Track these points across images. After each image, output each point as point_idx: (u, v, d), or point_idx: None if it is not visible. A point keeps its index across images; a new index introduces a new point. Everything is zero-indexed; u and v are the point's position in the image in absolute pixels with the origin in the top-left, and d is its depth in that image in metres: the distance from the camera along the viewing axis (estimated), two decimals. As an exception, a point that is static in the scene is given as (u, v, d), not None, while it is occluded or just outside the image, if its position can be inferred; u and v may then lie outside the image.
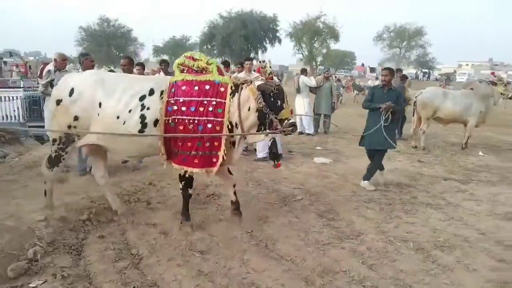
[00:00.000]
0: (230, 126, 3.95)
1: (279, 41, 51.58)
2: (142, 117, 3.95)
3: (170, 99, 3.90)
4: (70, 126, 4.07)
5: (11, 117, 9.38)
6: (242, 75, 8.54)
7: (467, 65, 74.07)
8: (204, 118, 3.84)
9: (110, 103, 3.96)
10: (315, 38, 49.99)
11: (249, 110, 3.97)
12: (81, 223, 4.32)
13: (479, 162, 8.08)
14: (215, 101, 3.88)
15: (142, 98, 3.97)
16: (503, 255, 3.95)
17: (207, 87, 3.93)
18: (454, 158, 8.35)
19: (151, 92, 4.00)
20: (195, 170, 3.98)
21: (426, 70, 60.31)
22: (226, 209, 4.98)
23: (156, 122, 3.94)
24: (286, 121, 3.89)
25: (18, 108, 9.36)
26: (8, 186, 5.55)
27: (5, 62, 24.67)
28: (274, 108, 3.92)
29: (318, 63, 53.87)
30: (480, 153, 8.89)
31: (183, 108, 3.86)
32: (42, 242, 3.76)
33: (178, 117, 3.86)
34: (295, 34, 50.84)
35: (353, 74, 52.70)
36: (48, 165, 4.29)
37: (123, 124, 3.94)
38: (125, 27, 53.52)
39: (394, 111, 5.71)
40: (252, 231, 4.34)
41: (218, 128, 3.86)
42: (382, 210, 5.12)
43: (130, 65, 6.64)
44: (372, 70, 62.66)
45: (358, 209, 5.14)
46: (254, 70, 7.23)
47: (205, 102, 3.87)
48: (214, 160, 3.96)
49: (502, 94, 9.35)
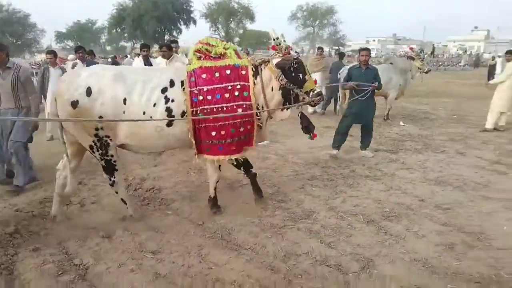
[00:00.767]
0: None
1: (194, 22, 50.33)
2: (168, 109, 3.75)
3: (193, 89, 3.76)
4: (98, 129, 3.69)
5: None
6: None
7: (374, 40, 79.06)
8: (232, 104, 3.77)
9: (134, 99, 3.68)
10: (231, 19, 49.67)
11: (272, 90, 4.01)
12: (7, 237, 3.77)
13: (402, 132, 8.63)
14: (239, 84, 3.83)
15: (164, 90, 3.76)
16: (444, 218, 4.22)
17: (228, 72, 3.83)
18: (380, 130, 8.79)
19: (172, 83, 3.79)
20: (234, 156, 3.98)
21: (337, 47, 63.06)
22: (171, 202, 4.72)
23: (183, 115, 3.79)
24: (312, 92, 4.00)
25: None
26: None
27: None
28: (297, 82, 4.00)
29: (236, 44, 53.70)
30: (401, 123, 9.51)
31: (209, 97, 3.75)
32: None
33: (206, 107, 3.75)
34: (210, 15, 50.00)
35: (269, 54, 53.42)
36: (107, 175, 3.99)
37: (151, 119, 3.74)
38: (21, 12, 48.24)
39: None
40: (203, 223, 4.15)
41: (248, 111, 3.83)
42: (327, 187, 5.21)
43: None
44: (287, 48, 64.09)
45: (304, 188, 5.17)
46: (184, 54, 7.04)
47: (229, 88, 3.79)
48: (233, 148, 3.95)
49: (419, 68, 10.01)
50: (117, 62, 19.76)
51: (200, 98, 3.74)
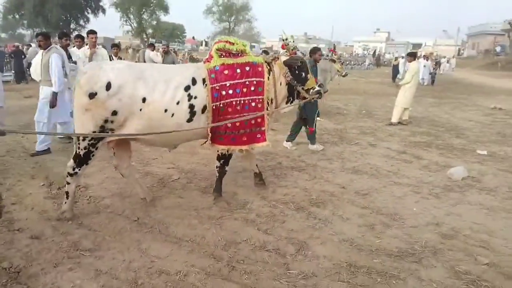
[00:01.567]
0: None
1: (103, 11, 47.76)
2: (191, 106, 3.92)
3: (214, 85, 3.96)
4: (107, 121, 3.70)
5: None
6: (82, 51, 7.75)
7: (286, 38, 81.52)
8: (248, 98, 4.07)
9: (155, 97, 3.78)
10: (144, 10, 47.96)
11: (280, 85, 4.38)
12: None
13: (320, 126, 9.16)
14: (255, 80, 4.11)
15: (187, 88, 3.92)
16: (363, 203, 4.70)
17: (247, 69, 4.10)
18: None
19: (194, 81, 3.96)
20: (244, 147, 4.27)
21: (253, 44, 64.34)
22: (101, 199, 4.58)
23: (204, 109, 3.98)
24: (312, 89, 4.48)
25: None
26: None
27: None
28: (300, 80, 4.46)
29: (149, 36, 52.12)
30: (317, 118, 10.10)
31: (230, 91, 4.01)
32: None
33: (227, 100, 4.01)
34: (121, 4, 47.73)
35: (186, 47, 52.73)
36: (74, 164, 3.89)
37: (172, 116, 3.85)
38: None
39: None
40: (138, 219, 4.11)
41: (260, 105, 4.14)
42: (257, 178, 5.44)
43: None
44: (202, 43, 63.72)
45: (236, 180, 5.35)
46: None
47: (247, 83, 4.08)
48: (259, 136, 4.27)
49: (338, 71, 10.42)
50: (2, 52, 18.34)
51: (223, 93, 3.99)
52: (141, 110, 3.74)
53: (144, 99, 3.74)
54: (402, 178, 5.65)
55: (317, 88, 4.53)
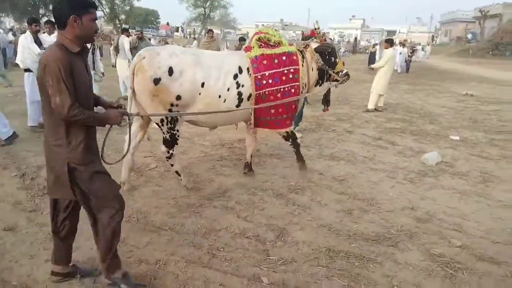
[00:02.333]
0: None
1: (74, -4, 45.97)
2: (239, 93, 4.22)
3: (256, 75, 4.26)
4: (172, 105, 3.93)
5: None
6: (53, 37, 7.48)
7: (263, 25, 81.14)
8: (288, 85, 4.38)
9: (211, 83, 4.04)
10: (116, -5, 46.65)
11: (312, 70, 4.76)
12: None
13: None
14: (292, 68, 4.41)
15: (235, 76, 4.19)
16: (341, 188, 4.77)
17: (284, 58, 4.39)
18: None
19: (240, 70, 4.23)
20: (282, 130, 4.68)
21: (228, 30, 63.67)
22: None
23: (249, 97, 4.29)
24: (341, 72, 4.91)
25: None
26: None
27: None
28: (331, 64, 4.84)
29: (122, 22, 50.78)
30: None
31: (270, 80, 4.30)
32: None
33: (269, 89, 4.32)
34: (93, -11, 46.10)
35: (160, 34, 51.67)
36: (167, 148, 4.27)
37: (224, 102, 4.14)
38: None
39: None
40: (116, 208, 4.04)
41: (297, 91, 4.49)
42: (236, 166, 5.44)
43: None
44: (178, 29, 62.57)
45: (214, 168, 5.33)
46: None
47: (285, 72, 4.37)
48: (288, 122, 4.65)
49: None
50: None
51: (263, 82, 4.28)
52: (200, 94, 4.00)
53: (202, 84, 3.99)
54: (378, 164, 5.76)
55: (345, 70, 4.94)
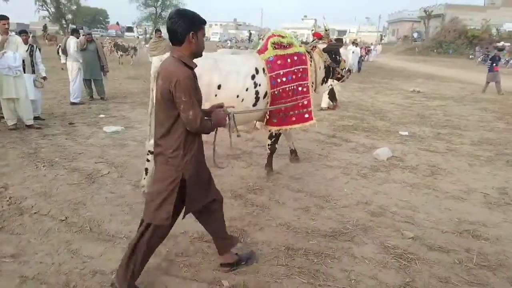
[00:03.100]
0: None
1: (16, -6, 43.65)
2: (257, 93, 4.51)
3: (271, 74, 4.54)
4: None
5: None
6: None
7: (216, 25, 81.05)
8: (297, 83, 4.68)
9: (229, 85, 4.30)
10: (62, -7, 44.69)
11: (320, 69, 5.14)
12: None
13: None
14: (302, 68, 4.72)
15: (253, 77, 4.48)
16: (298, 186, 4.84)
17: (295, 58, 4.69)
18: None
19: (257, 71, 4.52)
20: (294, 126, 4.90)
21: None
22: (23, 200, 4.24)
23: (265, 95, 4.58)
24: (344, 69, 5.43)
25: None
26: None
27: None
28: (336, 62, 5.29)
29: (69, 21, 48.85)
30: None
31: (284, 79, 4.60)
32: None
33: (282, 87, 4.60)
34: (36, -14, 44.01)
35: (110, 34, 50.14)
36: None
37: (242, 101, 4.40)
38: None
39: None
40: (66, 218, 3.87)
41: (305, 89, 4.78)
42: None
43: None
44: (129, 29, 60.84)
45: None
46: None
47: (295, 71, 4.67)
48: (307, 116, 4.86)
49: None
50: None
51: (278, 80, 4.56)
52: (216, 96, 4.19)
53: (219, 86, 4.24)
54: (333, 161, 5.89)
55: (347, 67, 5.42)
